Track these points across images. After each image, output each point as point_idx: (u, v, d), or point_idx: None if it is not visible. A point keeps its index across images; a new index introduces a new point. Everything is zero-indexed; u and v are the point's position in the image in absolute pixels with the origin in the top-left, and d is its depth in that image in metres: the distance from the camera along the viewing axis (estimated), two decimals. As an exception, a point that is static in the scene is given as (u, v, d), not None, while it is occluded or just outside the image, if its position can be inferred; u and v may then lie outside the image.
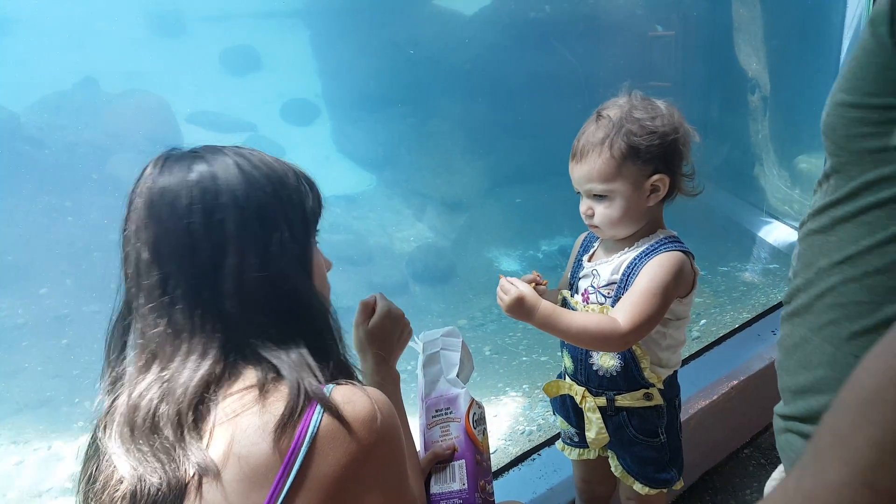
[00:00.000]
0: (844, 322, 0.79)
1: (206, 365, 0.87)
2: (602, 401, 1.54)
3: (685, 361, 2.87)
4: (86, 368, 4.79)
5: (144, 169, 0.96)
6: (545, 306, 1.33)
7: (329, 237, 1.09)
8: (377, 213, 8.85)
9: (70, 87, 8.58)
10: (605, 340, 1.33)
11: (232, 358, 0.89)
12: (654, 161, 1.38)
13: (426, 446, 1.31)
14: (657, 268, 1.37)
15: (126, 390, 0.90)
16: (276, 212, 0.93)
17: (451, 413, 1.29)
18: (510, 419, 3.43)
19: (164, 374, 0.88)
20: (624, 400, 1.52)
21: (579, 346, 1.50)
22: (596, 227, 1.47)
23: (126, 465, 0.84)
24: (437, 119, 9.56)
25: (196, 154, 0.94)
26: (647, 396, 1.51)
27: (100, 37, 9.76)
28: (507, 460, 2.35)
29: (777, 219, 6.99)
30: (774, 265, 6.02)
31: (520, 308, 1.33)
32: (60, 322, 5.45)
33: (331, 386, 0.88)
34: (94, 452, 0.94)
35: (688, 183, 1.48)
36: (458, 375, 1.33)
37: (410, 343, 1.36)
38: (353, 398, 0.86)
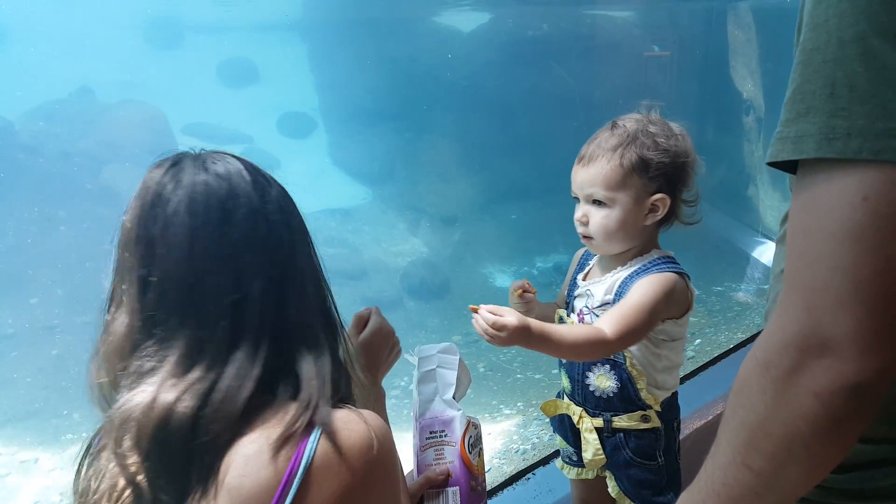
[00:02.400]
0: None
1: (254, 373, 0.83)
2: (599, 422, 1.52)
3: (681, 381, 2.86)
4: (76, 380, 4.74)
5: (167, 166, 0.88)
6: (536, 326, 1.27)
7: (323, 251, 1.06)
8: (372, 227, 8.85)
9: (66, 95, 8.59)
10: (593, 348, 1.32)
11: (274, 366, 0.85)
12: (659, 179, 1.38)
13: (419, 469, 1.27)
14: (647, 286, 1.36)
15: (149, 399, 0.81)
16: (300, 222, 0.93)
17: (445, 436, 1.26)
18: (504, 437, 3.41)
19: (202, 381, 0.81)
20: (621, 421, 1.50)
21: (572, 360, 1.48)
22: (589, 237, 1.45)
23: (137, 481, 0.80)
24: (433, 134, 9.60)
25: (227, 157, 0.91)
26: (645, 418, 1.49)
27: (96, 46, 9.79)
28: (502, 479, 2.32)
29: (771, 239, 7.02)
30: (769, 285, 6.05)
31: (519, 336, 1.25)
32: (51, 332, 5.41)
33: (326, 408, 0.84)
34: (92, 461, 0.87)
35: (687, 210, 1.48)
36: (454, 395, 1.29)
37: (406, 356, 1.33)
38: (350, 424, 0.83)
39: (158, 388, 0.81)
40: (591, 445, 1.55)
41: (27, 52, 9.40)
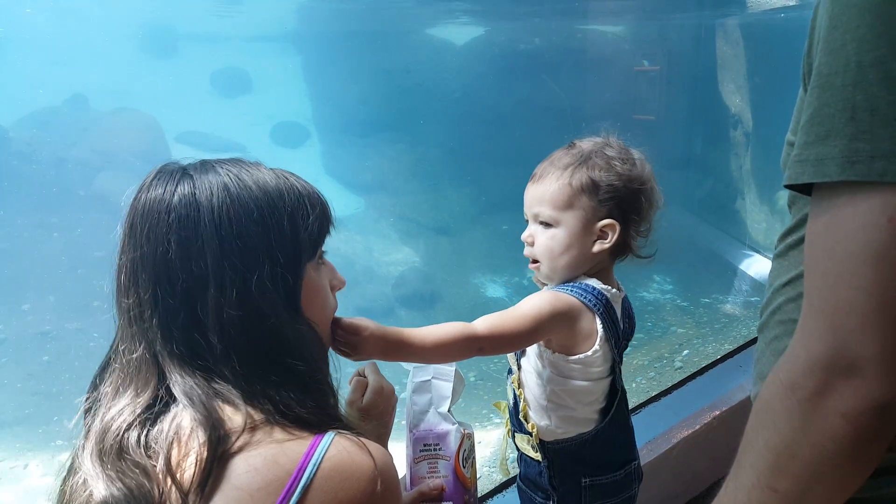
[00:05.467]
0: (784, 337, 0.85)
1: (187, 391, 0.82)
2: (509, 432, 1.49)
3: (668, 391, 2.89)
4: (66, 386, 4.73)
5: (141, 182, 0.90)
6: (393, 330, 1.14)
7: None
8: (364, 237, 8.86)
9: (60, 103, 8.56)
10: (459, 345, 1.20)
11: (211, 386, 0.83)
12: (609, 203, 1.29)
13: (412, 481, 1.26)
14: (536, 297, 1.28)
15: (101, 412, 0.85)
16: (259, 242, 0.86)
17: (439, 450, 1.24)
18: (495, 445, 3.43)
19: (139, 399, 0.84)
20: (517, 439, 1.44)
21: (442, 362, 1.31)
22: (535, 262, 1.37)
23: (99, 488, 0.80)
24: (425, 145, 9.65)
25: (186, 172, 0.88)
26: (534, 447, 1.38)
27: (91, 54, 9.78)
28: (491, 487, 2.34)
29: (758, 252, 7.10)
30: (755, 298, 6.11)
31: (377, 342, 1.11)
32: (42, 339, 5.39)
33: (332, 434, 0.81)
34: (70, 473, 0.90)
35: (640, 241, 1.37)
36: (449, 409, 1.27)
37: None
38: (353, 456, 0.79)
39: (105, 405, 0.86)
40: (502, 451, 1.55)
41: (21, 60, 9.38)
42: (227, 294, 0.83)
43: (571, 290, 1.29)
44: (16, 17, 9.19)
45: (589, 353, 1.27)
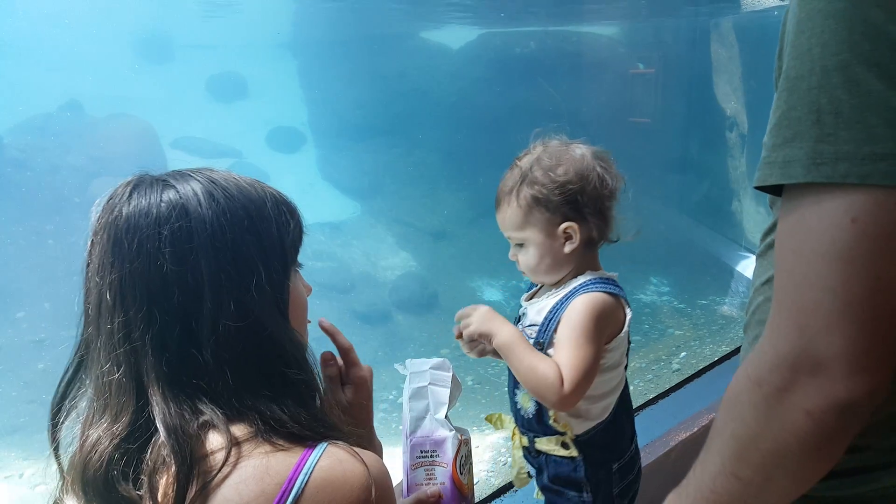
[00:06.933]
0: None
1: (166, 419, 0.78)
2: (526, 440, 1.50)
3: (666, 393, 2.89)
4: (62, 394, 4.71)
5: (112, 195, 0.86)
6: (513, 328, 1.33)
7: (312, 264, 1.05)
8: (361, 241, 8.86)
9: (54, 109, 8.56)
10: (543, 393, 1.28)
11: (197, 410, 0.80)
12: (560, 209, 1.35)
13: (409, 487, 1.27)
14: (574, 314, 1.32)
15: (79, 441, 0.82)
16: (253, 250, 0.85)
17: (437, 456, 1.25)
18: (492, 450, 3.43)
19: (115, 426, 0.80)
20: (542, 443, 1.46)
21: (523, 384, 1.39)
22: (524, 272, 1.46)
23: None
24: (422, 149, 9.67)
25: (165, 182, 0.85)
26: (565, 445, 1.43)
27: (86, 60, 9.79)
28: (489, 492, 2.34)
29: (754, 253, 7.11)
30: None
31: (493, 317, 1.35)
32: (38, 346, 5.37)
33: (324, 444, 0.80)
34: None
35: (623, 222, 1.42)
36: (446, 416, 1.26)
37: (396, 367, 1.29)
38: (345, 465, 0.78)
39: (82, 434, 0.82)
40: (517, 463, 1.54)
41: (16, 66, 9.38)
42: (225, 305, 0.81)
43: (596, 287, 1.35)
44: (10, 23, 9.19)
45: (622, 334, 1.35)
